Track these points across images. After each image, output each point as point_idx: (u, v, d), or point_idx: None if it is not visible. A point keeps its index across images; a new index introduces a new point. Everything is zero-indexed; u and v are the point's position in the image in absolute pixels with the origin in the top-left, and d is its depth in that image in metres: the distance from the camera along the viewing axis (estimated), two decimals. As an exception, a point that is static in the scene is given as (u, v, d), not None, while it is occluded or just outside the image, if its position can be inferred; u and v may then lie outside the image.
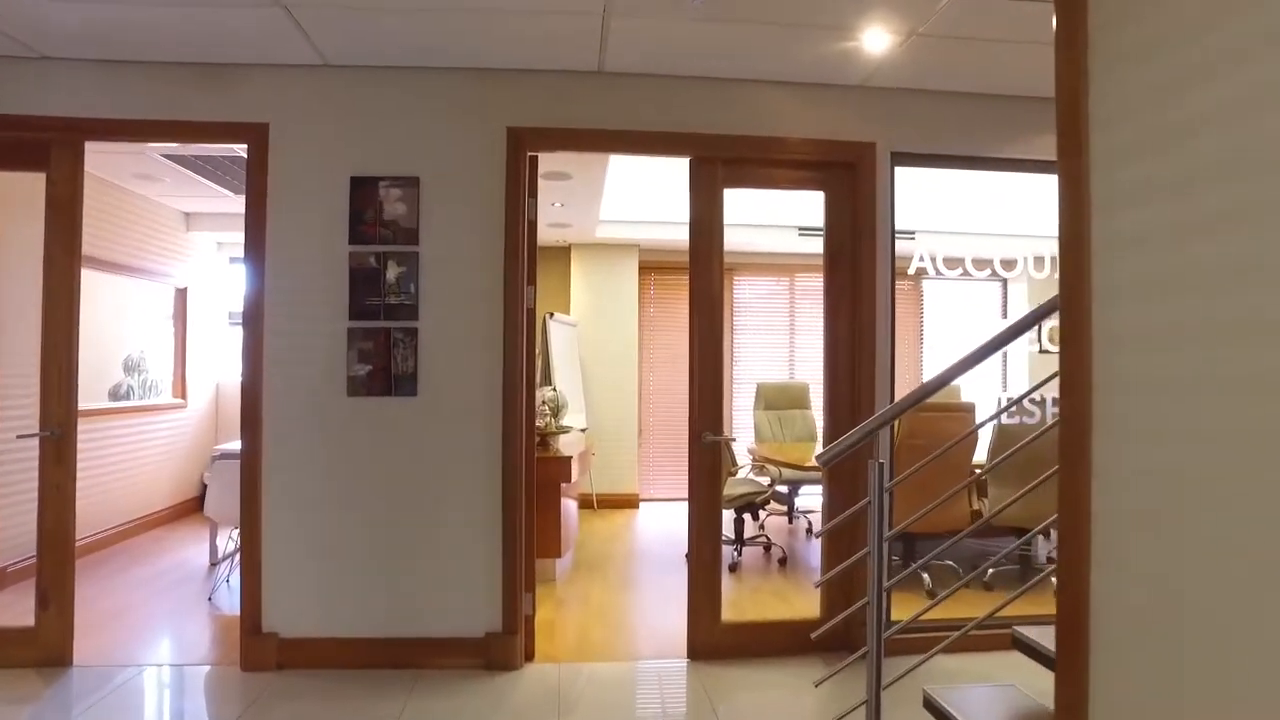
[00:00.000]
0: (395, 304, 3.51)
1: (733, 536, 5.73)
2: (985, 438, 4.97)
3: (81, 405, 3.56)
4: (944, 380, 2.63)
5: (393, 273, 3.51)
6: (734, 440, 4.06)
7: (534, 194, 3.69)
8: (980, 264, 4.48)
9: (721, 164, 3.75)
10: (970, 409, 4.83)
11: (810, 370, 8.36)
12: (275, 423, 3.48)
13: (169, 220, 6.62)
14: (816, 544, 6.37)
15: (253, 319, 3.47)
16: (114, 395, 6.39)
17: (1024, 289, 8.34)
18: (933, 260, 4.28)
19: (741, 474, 5.80)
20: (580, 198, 5.81)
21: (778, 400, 7.04)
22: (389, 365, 3.50)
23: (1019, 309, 8.42)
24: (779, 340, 8.34)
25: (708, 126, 3.68)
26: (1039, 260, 4.59)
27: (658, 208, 6.97)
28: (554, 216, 6.43)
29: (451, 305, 3.55)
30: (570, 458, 4.97)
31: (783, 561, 5.63)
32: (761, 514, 6.03)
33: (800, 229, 7.53)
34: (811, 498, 7.33)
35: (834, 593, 3.79)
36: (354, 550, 3.51)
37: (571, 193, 5.65)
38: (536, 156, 3.75)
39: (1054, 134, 1.82)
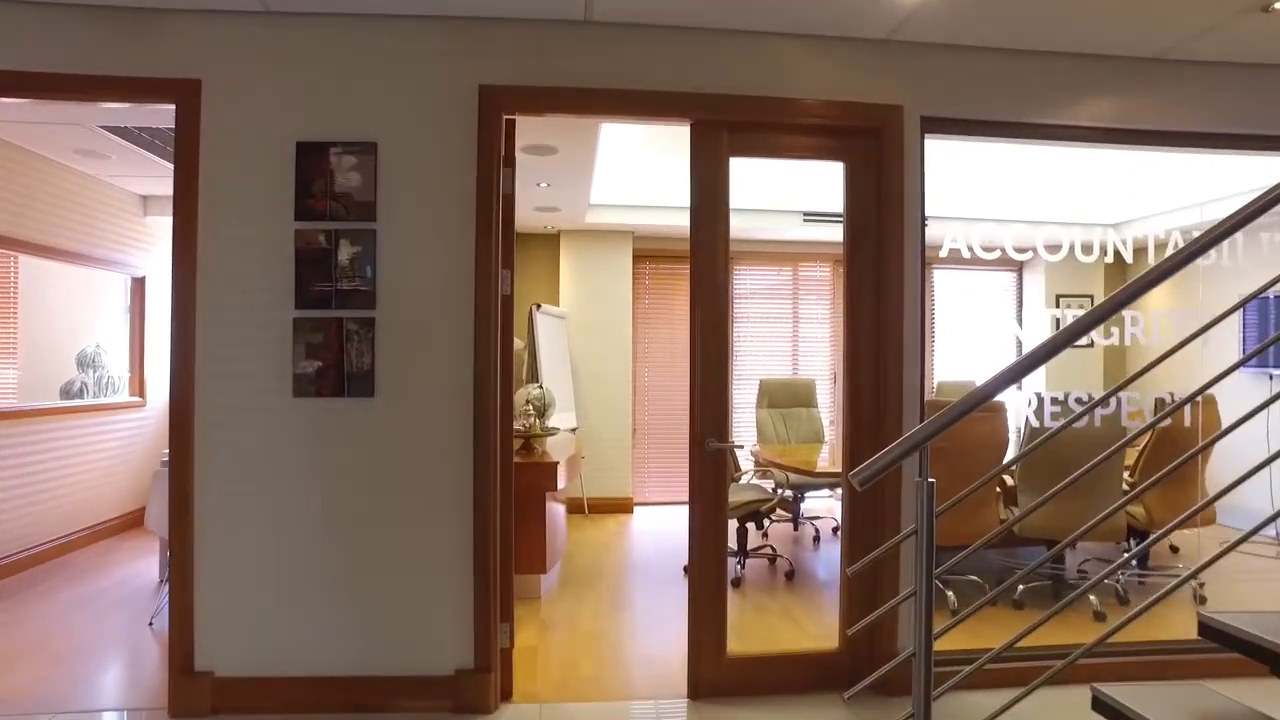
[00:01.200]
0: (349, 290, 3.02)
1: (735, 548, 5.26)
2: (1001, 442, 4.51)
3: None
4: (1011, 378, 2.15)
5: (346, 254, 3.02)
6: (740, 447, 3.62)
7: (510, 163, 3.20)
8: (1020, 249, 3.98)
9: (727, 129, 3.26)
10: (1001, 408, 4.36)
11: (814, 366, 7.89)
12: (209, 428, 2.99)
13: (123, 203, 6.10)
14: (825, 552, 5.91)
15: (182, 308, 2.98)
16: (66, 393, 5.88)
17: (1040, 279, 7.89)
18: (968, 245, 3.78)
19: (744, 479, 5.32)
20: (568, 177, 5.32)
21: (782, 398, 6.57)
22: (341, 361, 3.01)
23: (1035, 299, 7.97)
24: (781, 334, 7.86)
25: (712, 85, 3.20)
26: (1086, 246, 4.09)
27: (653, 191, 6.48)
28: (540, 199, 5.93)
29: (414, 291, 3.06)
30: (557, 463, 4.49)
31: (790, 575, 5.16)
32: (766, 522, 5.56)
33: (805, 214, 7.06)
34: (818, 501, 6.88)
35: (855, 615, 3.32)
36: (302, 575, 3.02)
37: (558, 171, 5.15)
38: (513, 121, 3.26)
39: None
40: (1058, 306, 7.81)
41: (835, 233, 7.67)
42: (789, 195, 6.65)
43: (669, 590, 4.83)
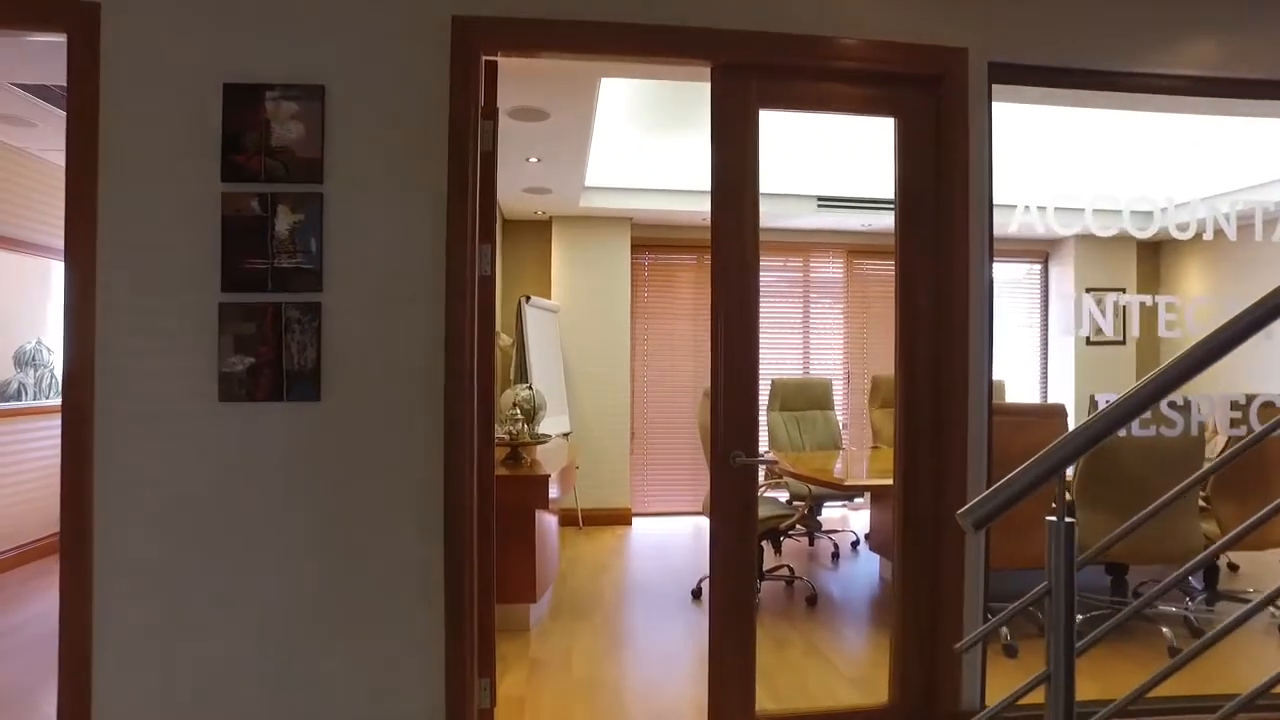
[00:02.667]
0: (289, 269, 2.42)
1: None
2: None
3: None
4: (1184, 374, 1.57)
5: (285, 223, 2.42)
6: (775, 461, 3.06)
7: (492, 115, 2.61)
8: (1104, 215, 3.39)
9: (756, 75, 2.68)
10: (1061, 412, 3.79)
11: (825, 366, 7.31)
12: (113, 443, 2.39)
13: (59, 181, 5.45)
14: (846, 571, 5.33)
15: (77, 292, 2.37)
16: (1, 395, 5.26)
17: (1069, 270, 7.34)
18: (1040, 212, 3.19)
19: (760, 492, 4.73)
20: (562, 151, 4.72)
21: (796, 400, 5.99)
22: (280, 357, 2.41)
23: (1063, 291, 7.41)
24: (791, 331, 7.28)
25: (738, 20, 2.61)
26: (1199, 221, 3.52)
27: (654, 173, 5.89)
28: (530, 177, 5.33)
29: (371, 270, 2.46)
30: (548, 476, 3.90)
31: (812, 600, 4.58)
32: (783, 540, 4.98)
33: (820, 199, 6.48)
34: (831, 510, 6.30)
35: (910, 664, 2.76)
36: (230, 624, 2.42)
37: (550, 141, 4.55)
38: (495, 65, 2.66)
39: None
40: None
41: (852, 220, 7.14)
42: (802, 177, 6.08)
43: (677, 619, 4.24)
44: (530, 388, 5.07)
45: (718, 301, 2.71)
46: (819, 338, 7.31)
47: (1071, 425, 3.77)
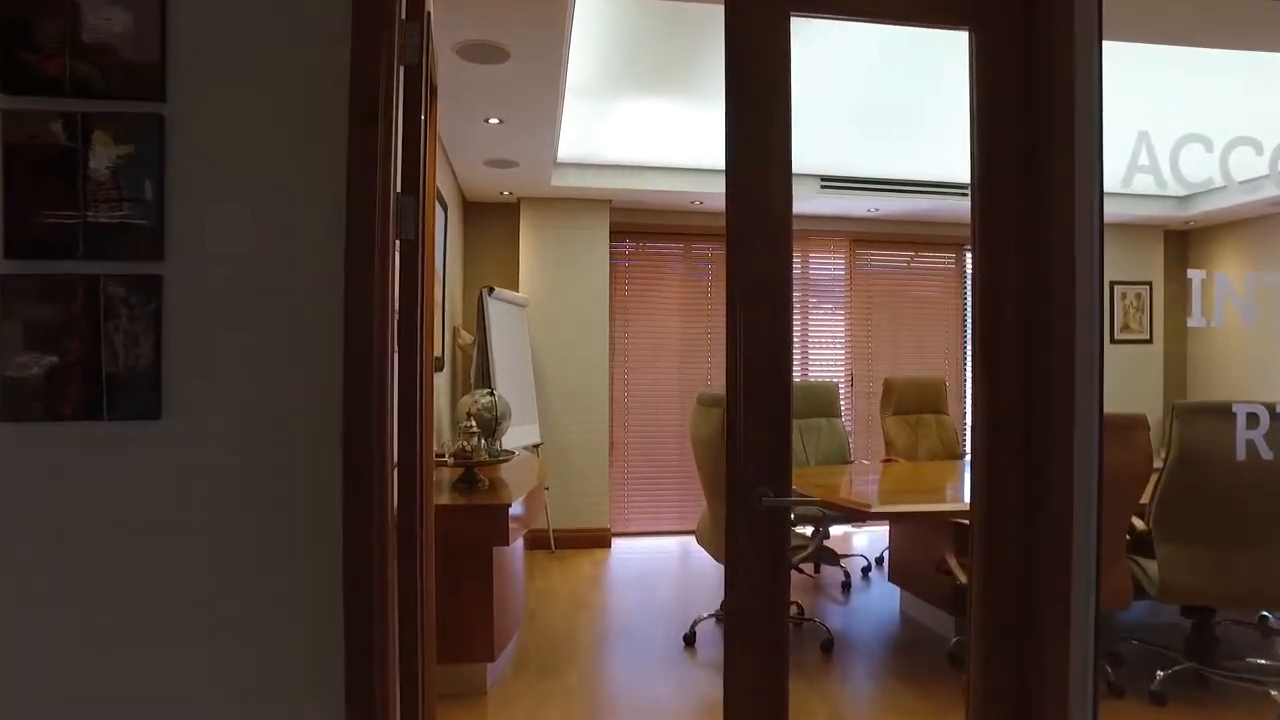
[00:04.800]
0: (111, 224, 1.63)
1: (753, 609, 3.94)
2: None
3: None
4: None
5: (105, 157, 1.64)
6: (816, 501, 2.34)
7: (419, 14, 1.84)
8: None
9: (788, -36, 1.94)
10: (1142, 423, 3.09)
11: (825, 369, 6.61)
12: None
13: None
14: (861, 605, 4.62)
15: None
16: None
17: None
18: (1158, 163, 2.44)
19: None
20: (529, 108, 3.94)
21: (798, 407, 5.21)
22: (97, 355, 1.63)
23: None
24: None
25: (765, -116, 1.87)
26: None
27: (637, 147, 5.14)
28: (493, 145, 4.55)
29: (236, 229, 1.68)
30: (508, 506, 3.13)
31: (828, 647, 3.85)
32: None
33: (823, 179, 5.77)
34: (837, 530, 5.59)
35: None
36: (22, 753, 1.63)
37: (515, 96, 3.78)
38: (426, -54, 1.90)
39: None
40: (1112, 294, 6.62)
41: (858, 205, 6.42)
42: (803, 155, 5.35)
43: (668, 673, 3.50)
44: (492, 393, 4.30)
45: (735, 284, 1.97)
46: (818, 337, 6.60)
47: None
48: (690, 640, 3.88)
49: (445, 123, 4.11)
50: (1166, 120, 2.42)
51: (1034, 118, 2.05)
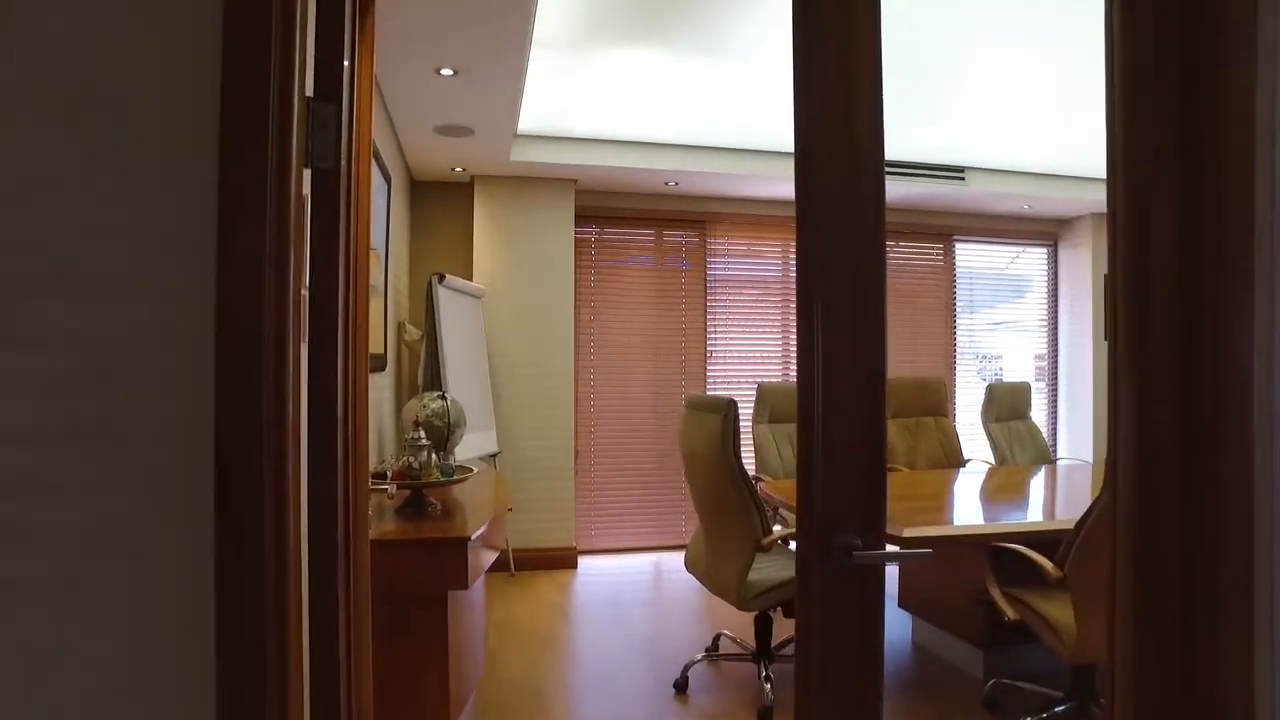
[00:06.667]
0: None
1: (755, 646, 3.39)
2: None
3: None
4: None
5: None
6: (927, 552, 1.88)
7: None
8: None
9: None
10: None
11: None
12: None
13: None
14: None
15: None
16: None
17: (1084, 255, 6.33)
18: None
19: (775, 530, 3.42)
20: (489, 57, 3.30)
21: (786, 410, 4.73)
22: None
23: (1078, 276, 6.40)
24: (768, 328, 6.03)
25: None
26: None
27: (608, 116, 4.54)
28: (445, 106, 3.89)
29: (35, 121, 1.04)
30: (467, 540, 2.49)
31: (843, 692, 3.30)
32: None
33: (812, 160, 5.21)
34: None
35: None
36: None
37: (472, 36, 3.14)
38: None
39: None
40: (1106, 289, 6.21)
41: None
42: (786, 131, 4.83)
43: (661, 737, 2.91)
44: (444, 396, 3.65)
45: (811, 263, 1.39)
46: (792, 334, 6.08)
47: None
48: (682, 687, 3.30)
49: (388, 74, 3.45)
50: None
51: (1186, 88, 1.51)
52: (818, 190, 1.38)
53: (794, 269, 6.01)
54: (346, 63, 1.30)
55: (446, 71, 3.39)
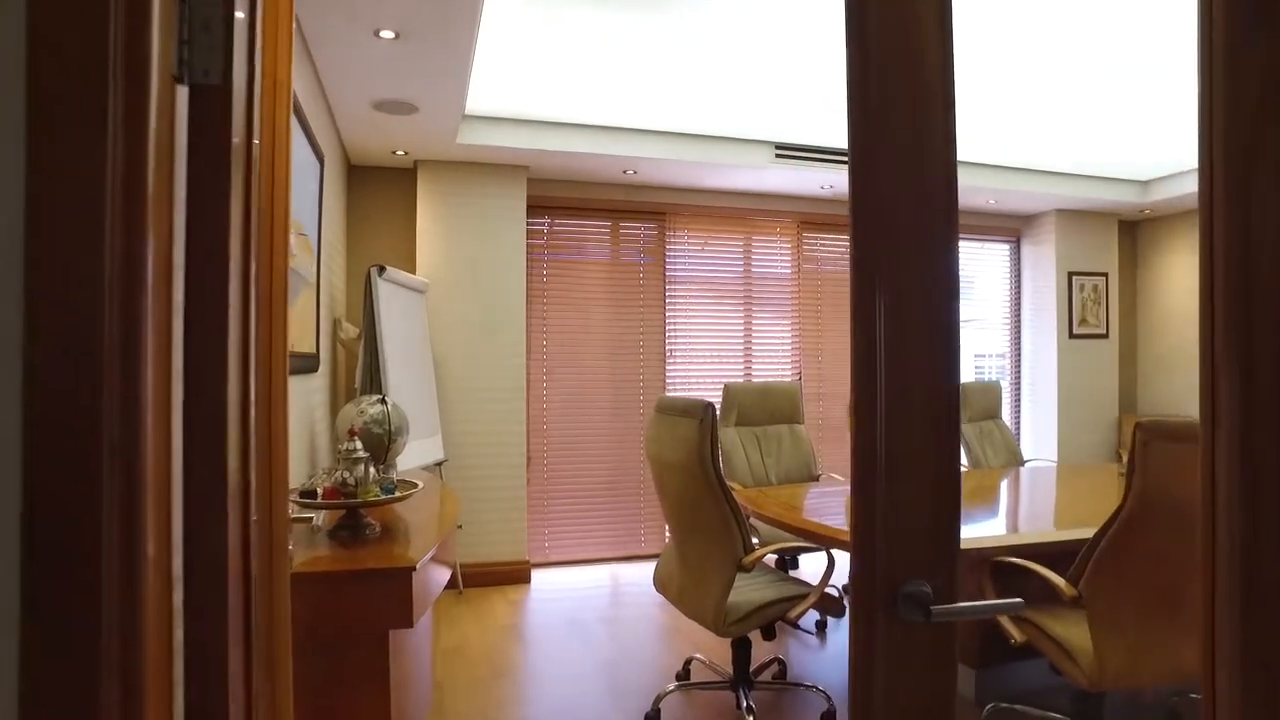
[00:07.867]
0: None
1: (732, 673, 3.09)
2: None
3: None
4: None
5: None
6: (1019, 603, 1.68)
7: None
8: None
9: None
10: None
11: (771, 368, 5.85)
12: None
13: None
14: (838, 650, 3.84)
15: None
16: None
17: (1049, 251, 6.23)
18: None
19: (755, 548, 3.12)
20: (435, 15, 2.93)
21: (755, 412, 4.46)
22: None
23: (1042, 276, 6.30)
24: (730, 330, 5.76)
25: None
26: None
27: (563, 95, 4.20)
28: (386, 78, 3.50)
29: None
30: (410, 568, 2.13)
31: (830, 718, 3.03)
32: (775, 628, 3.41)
33: (778, 148, 5.01)
34: (808, 561, 4.81)
35: None
36: None
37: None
38: None
39: None
40: (1070, 285, 6.16)
41: (811, 180, 5.57)
42: (757, 120, 4.57)
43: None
44: (384, 400, 3.27)
45: (870, 267, 1.08)
46: (762, 332, 5.84)
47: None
48: (653, 720, 2.99)
49: (319, 35, 3.06)
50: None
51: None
52: (872, 163, 1.08)
53: (756, 264, 5.71)
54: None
55: (387, 34, 3.01)
